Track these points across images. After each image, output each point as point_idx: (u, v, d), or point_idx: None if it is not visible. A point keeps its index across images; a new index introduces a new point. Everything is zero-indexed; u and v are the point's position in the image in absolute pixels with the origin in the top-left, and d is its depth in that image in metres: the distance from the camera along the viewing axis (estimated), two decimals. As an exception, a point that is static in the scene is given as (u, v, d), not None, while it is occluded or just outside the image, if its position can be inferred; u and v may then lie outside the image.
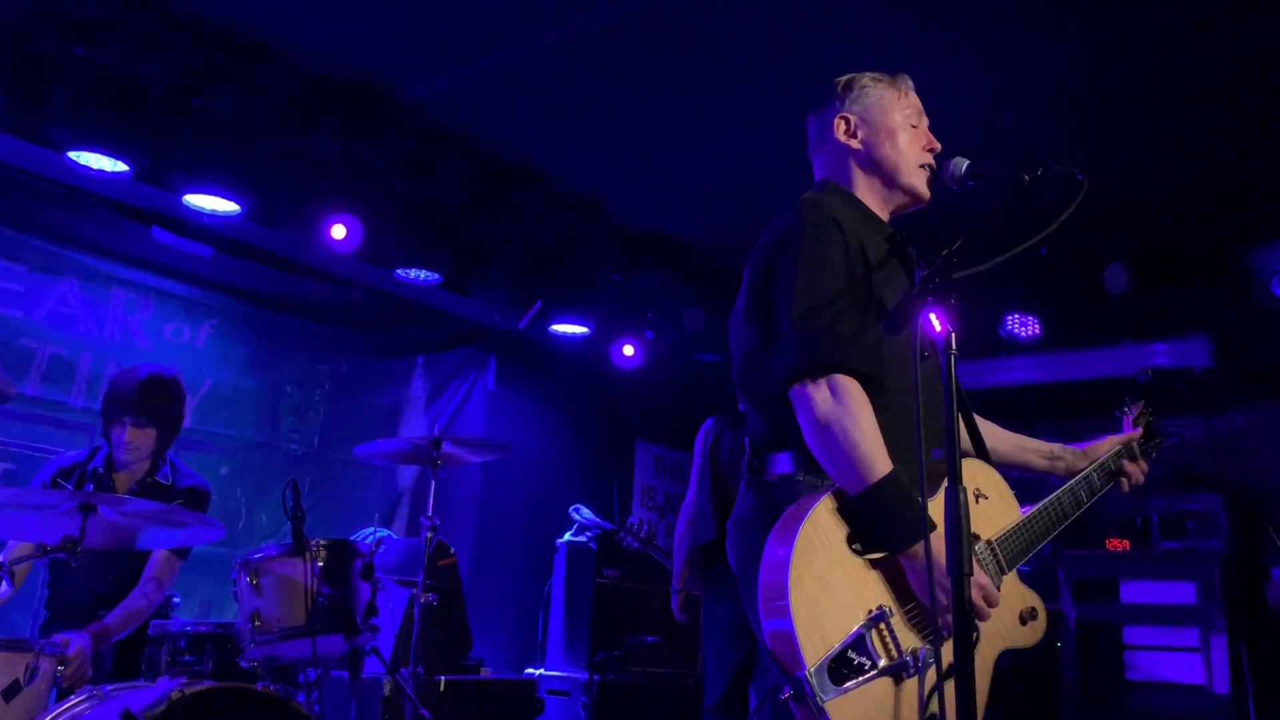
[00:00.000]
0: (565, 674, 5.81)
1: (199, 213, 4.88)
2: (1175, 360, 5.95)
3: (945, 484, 1.84)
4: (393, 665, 4.20)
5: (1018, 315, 5.96)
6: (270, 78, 4.53)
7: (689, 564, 4.51)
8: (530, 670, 6.01)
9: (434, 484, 4.30)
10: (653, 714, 5.65)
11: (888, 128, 2.38)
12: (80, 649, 3.21)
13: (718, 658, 4.06)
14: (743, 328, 2.30)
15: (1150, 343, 6.01)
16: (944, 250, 1.92)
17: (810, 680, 1.87)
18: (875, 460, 2.01)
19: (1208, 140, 4.76)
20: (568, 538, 6.20)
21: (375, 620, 3.45)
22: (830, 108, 2.43)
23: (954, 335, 1.88)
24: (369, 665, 3.89)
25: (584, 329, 6.33)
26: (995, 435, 2.56)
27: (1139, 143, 4.80)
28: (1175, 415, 6.22)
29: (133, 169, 4.45)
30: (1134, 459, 2.63)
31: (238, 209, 4.79)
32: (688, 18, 4.04)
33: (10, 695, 2.72)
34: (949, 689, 1.80)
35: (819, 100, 2.47)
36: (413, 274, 5.58)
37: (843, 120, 2.41)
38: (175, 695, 2.65)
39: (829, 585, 1.96)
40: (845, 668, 1.92)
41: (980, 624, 2.05)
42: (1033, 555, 2.34)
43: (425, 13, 4.11)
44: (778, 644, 1.93)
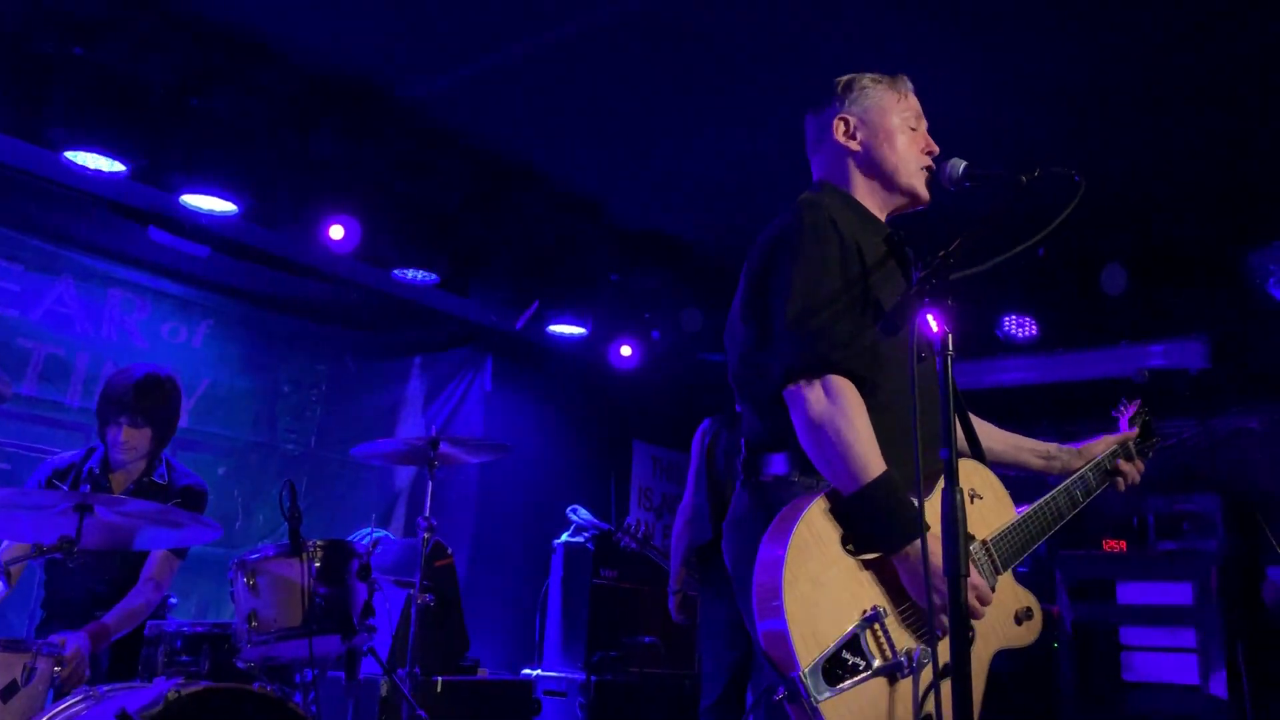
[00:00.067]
0: (562, 674, 5.81)
1: (196, 213, 4.88)
2: (1172, 361, 5.95)
3: (941, 484, 1.84)
4: (390, 666, 4.20)
5: (1015, 316, 5.94)
6: (269, 78, 4.52)
7: (686, 565, 4.51)
8: (527, 671, 6.01)
9: (431, 484, 4.30)
10: (650, 714, 5.65)
11: (887, 130, 2.38)
12: (78, 649, 3.20)
13: (715, 658, 4.06)
14: (740, 327, 2.30)
15: (1148, 344, 6.00)
16: (941, 251, 1.92)
17: (804, 680, 1.87)
18: (869, 461, 2.01)
19: (1207, 141, 4.76)
20: (565, 538, 6.20)
21: (372, 621, 3.45)
22: (829, 108, 2.43)
23: (951, 336, 1.88)
24: (366, 666, 3.90)
25: (582, 329, 6.31)
26: (991, 435, 2.57)
27: (1138, 143, 4.79)
28: (1172, 416, 6.24)
29: (130, 169, 4.44)
30: (1130, 458, 2.63)
31: (235, 209, 4.79)
32: (688, 18, 4.04)
33: (8, 695, 2.72)
34: (944, 688, 1.80)
35: (818, 100, 2.47)
36: (410, 274, 5.57)
37: (842, 121, 2.40)
38: (172, 695, 2.64)
39: (823, 586, 1.96)
40: (839, 668, 1.92)
41: (974, 623, 2.06)
42: (1029, 556, 2.34)
43: (425, 13, 4.11)
44: (772, 644, 1.93)
